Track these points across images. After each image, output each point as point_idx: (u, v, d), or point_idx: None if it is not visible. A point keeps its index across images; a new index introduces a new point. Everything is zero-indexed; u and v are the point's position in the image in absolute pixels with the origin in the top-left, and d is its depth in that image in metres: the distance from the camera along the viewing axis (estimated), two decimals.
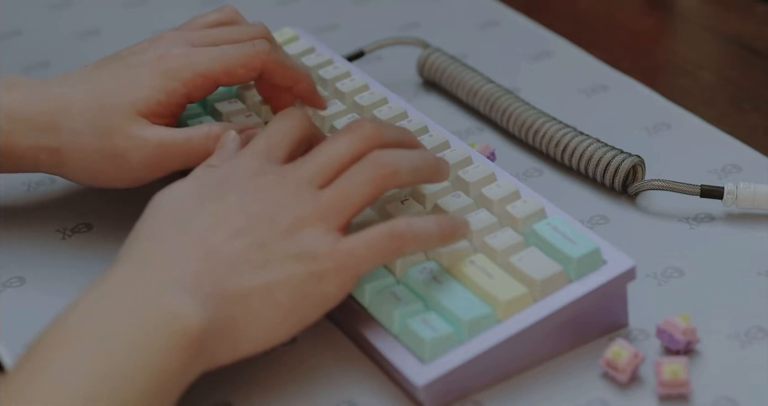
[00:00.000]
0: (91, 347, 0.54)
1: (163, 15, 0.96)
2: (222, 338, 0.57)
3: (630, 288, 0.64)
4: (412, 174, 0.62)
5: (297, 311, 0.59)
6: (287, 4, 0.97)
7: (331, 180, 0.61)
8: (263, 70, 0.70)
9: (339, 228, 0.60)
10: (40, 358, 0.54)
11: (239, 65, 0.69)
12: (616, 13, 0.95)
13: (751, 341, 0.63)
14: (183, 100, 0.69)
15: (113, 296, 0.56)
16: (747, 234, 0.70)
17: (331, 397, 0.61)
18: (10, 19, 0.97)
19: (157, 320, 0.55)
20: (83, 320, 0.55)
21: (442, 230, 0.61)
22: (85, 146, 0.68)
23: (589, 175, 0.74)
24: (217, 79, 0.69)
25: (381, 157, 0.61)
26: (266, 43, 0.70)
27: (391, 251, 0.60)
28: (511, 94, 0.79)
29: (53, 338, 0.55)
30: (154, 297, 0.56)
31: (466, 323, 0.60)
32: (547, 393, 0.61)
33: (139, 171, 0.68)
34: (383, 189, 0.61)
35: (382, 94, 0.76)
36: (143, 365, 0.54)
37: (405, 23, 0.93)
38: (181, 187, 0.62)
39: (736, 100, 0.83)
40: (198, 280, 0.57)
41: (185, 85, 0.69)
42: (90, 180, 0.69)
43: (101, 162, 0.68)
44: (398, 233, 0.60)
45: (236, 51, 0.69)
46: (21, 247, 0.72)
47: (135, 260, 0.58)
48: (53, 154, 0.68)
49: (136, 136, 0.67)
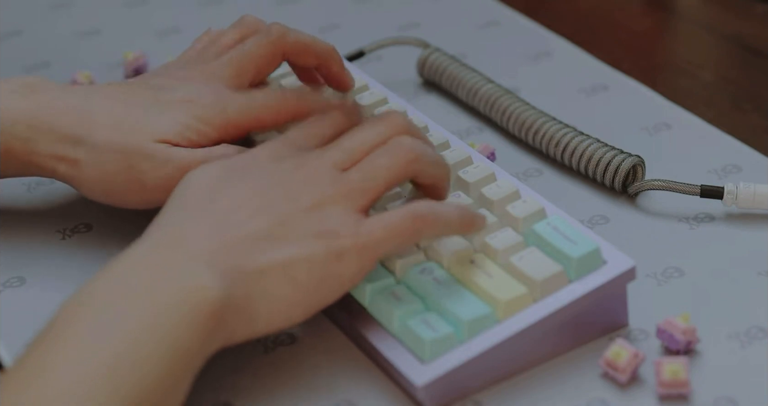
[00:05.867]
0: (111, 320, 0.54)
1: (163, 15, 0.96)
2: (239, 314, 0.57)
3: (630, 288, 0.64)
4: (431, 165, 0.62)
5: (314, 290, 0.59)
6: (287, 4, 0.97)
7: (355, 164, 0.62)
8: (296, 113, 0.69)
9: (361, 209, 0.60)
10: (60, 332, 0.54)
11: (271, 114, 0.69)
12: (616, 13, 0.95)
13: (751, 341, 0.63)
14: (210, 144, 0.69)
15: (133, 271, 0.57)
16: (747, 234, 0.70)
17: (331, 397, 0.61)
18: (10, 19, 0.97)
19: (176, 294, 0.56)
20: (102, 296, 0.55)
21: (463, 217, 0.61)
22: (104, 162, 0.67)
23: (589, 175, 0.74)
24: (249, 128, 0.69)
25: (405, 142, 0.62)
26: (295, 90, 0.70)
27: (412, 233, 0.60)
28: (511, 94, 0.79)
29: (73, 312, 0.55)
30: (173, 272, 0.56)
31: (466, 323, 0.60)
32: (547, 393, 0.61)
33: (153, 193, 0.67)
34: (406, 173, 0.61)
35: (382, 94, 0.76)
36: (163, 338, 0.54)
37: (405, 23, 0.93)
38: (207, 169, 0.62)
39: (736, 100, 0.83)
40: (217, 255, 0.57)
41: (218, 131, 0.68)
42: (103, 197, 0.69)
43: (118, 179, 0.68)
44: (420, 215, 0.60)
45: (265, 99, 0.69)
46: (21, 247, 0.72)
47: (156, 237, 0.59)
48: (72, 165, 0.68)
49: (156, 158, 0.67)
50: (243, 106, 0.69)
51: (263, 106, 0.69)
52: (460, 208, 0.62)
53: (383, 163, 0.61)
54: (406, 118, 0.64)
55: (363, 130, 0.63)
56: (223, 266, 0.57)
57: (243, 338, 0.58)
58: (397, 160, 0.61)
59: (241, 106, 0.69)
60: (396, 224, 0.59)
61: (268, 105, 0.69)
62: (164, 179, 0.67)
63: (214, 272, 0.57)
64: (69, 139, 0.68)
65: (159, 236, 0.59)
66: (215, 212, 0.60)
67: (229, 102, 0.69)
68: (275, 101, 0.69)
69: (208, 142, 0.68)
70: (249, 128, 0.69)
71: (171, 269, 0.57)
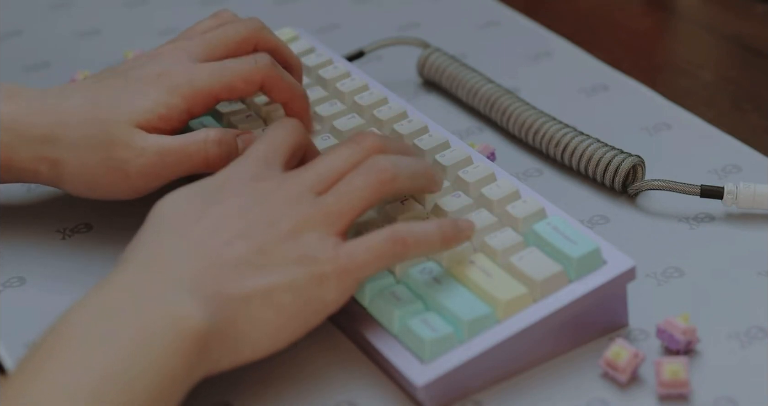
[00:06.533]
0: (95, 348, 0.54)
1: (163, 15, 0.96)
2: (224, 341, 0.57)
3: (630, 288, 0.64)
4: (410, 180, 0.62)
5: (298, 315, 0.59)
6: (287, 4, 0.97)
7: (330, 187, 0.61)
8: (263, 84, 0.70)
9: (339, 233, 0.60)
10: (43, 359, 0.54)
11: (240, 80, 0.69)
12: (616, 13, 0.95)
13: (751, 341, 0.63)
14: (184, 116, 0.69)
15: (117, 298, 0.57)
16: (747, 234, 0.70)
17: (331, 397, 0.61)
18: (10, 19, 0.97)
19: (160, 322, 0.55)
20: (87, 321, 0.55)
21: (444, 234, 0.61)
22: (84, 158, 0.68)
23: (589, 175, 0.74)
24: (217, 94, 0.69)
25: (380, 162, 0.62)
26: (267, 58, 0.70)
27: (393, 256, 0.60)
28: (511, 94, 0.79)
29: (56, 339, 0.55)
30: (156, 299, 0.56)
31: (466, 323, 0.60)
32: (547, 393, 0.61)
33: (138, 181, 0.68)
34: (382, 194, 0.61)
35: (382, 94, 0.76)
36: (148, 367, 0.54)
37: (405, 23, 0.93)
38: (182, 193, 0.62)
39: (736, 100, 0.83)
40: (199, 282, 0.57)
41: (186, 101, 0.68)
42: (89, 192, 0.69)
43: (100, 174, 0.68)
44: (400, 239, 0.60)
45: (237, 66, 0.69)
46: (21, 247, 0.72)
47: (137, 263, 0.59)
48: (53, 166, 0.68)
49: (134, 146, 0.67)
50: (212, 74, 0.69)
51: (233, 73, 0.69)
52: (441, 224, 0.61)
53: (358, 185, 0.61)
54: (380, 136, 0.63)
55: (338, 150, 0.63)
56: (206, 291, 0.57)
57: (229, 365, 0.58)
58: (371, 182, 0.61)
59: (210, 74, 0.69)
60: (376, 248, 0.59)
61: (238, 72, 0.69)
62: (146, 166, 0.67)
63: (197, 298, 0.57)
64: (47, 139, 0.68)
65: (143, 259, 0.59)
66: (195, 235, 0.59)
67: (197, 71, 0.69)
68: (246, 69, 0.69)
69: (180, 114, 0.68)
70: (219, 97, 0.69)
71: (155, 296, 0.57)
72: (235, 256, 0.59)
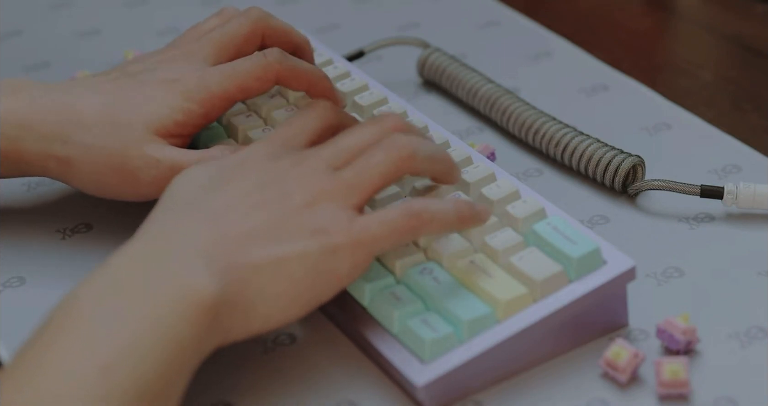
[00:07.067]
0: (107, 319, 0.54)
1: (163, 15, 0.96)
2: (235, 311, 0.57)
3: (630, 288, 0.64)
4: (428, 161, 0.62)
5: (309, 288, 0.59)
6: (287, 4, 0.97)
7: (349, 163, 0.61)
8: (278, 79, 0.70)
9: (355, 207, 0.60)
10: (58, 329, 0.54)
11: (253, 80, 0.69)
12: (616, 13, 0.95)
13: (751, 341, 0.63)
14: (201, 121, 0.69)
15: (127, 270, 0.57)
16: (747, 234, 0.70)
17: (331, 397, 0.61)
18: (10, 19, 0.97)
19: (172, 293, 0.55)
20: (99, 293, 0.55)
21: (460, 212, 0.61)
22: (95, 160, 0.67)
23: (589, 175, 0.74)
24: (233, 96, 0.69)
25: (400, 139, 0.62)
26: (277, 52, 0.69)
27: (408, 231, 0.60)
28: (511, 94, 0.79)
29: (70, 309, 0.55)
30: (170, 269, 0.56)
31: (466, 323, 0.60)
32: (547, 393, 0.61)
33: (147, 189, 0.68)
34: (400, 170, 0.61)
35: (382, 94, 0.76)
36: (160, 337, 0.54)
37: (405, 23, 0.93)
38: (198, 170, 0.62)
39: (736, 100, 0.83)
40: (212, 253, 0.57)
41: (202, 106, 0.68)
42: (97, 191, 0.69)
43: (111, 176, 0.68)
44: (415, 214, 0.60)
45: (249, 66, 0.69)
46: (21, 247, 0.72)
47: (150, 235, 0.59)
48: (62, 163, 0.68)
49: (149, 157, 0.67)
50: (225, 75, 0.69)
51: (245, 72, 0.69)
52: (458, 203, 0.61)
53: (376, 160, 0.61)
54: (401, 117, 0.64)
55: (358, 129, 0.63)
56: (219, 262, 0.57)
57: (240, 336, 0.58)
58: (390, 157, 0.61)
59: (222, 77, 0.69)
60: (391, 221, 0.59)
61: (250, 71, 0.69)
62: (158, 178, 0.67)
63: (210, 268, 0.57)
64: (57, 137, 0.68)
65: (155, 232, 0.59)
66: (211, 208, 0.60)
67: (209, 75, 0.69)
68: (258, 66, 0.69)
69: (196, 119, 0.68)
70: (234, 98, 0.69)
71: (167, 265, 0.57)
72: (249, 227, 0.59)
